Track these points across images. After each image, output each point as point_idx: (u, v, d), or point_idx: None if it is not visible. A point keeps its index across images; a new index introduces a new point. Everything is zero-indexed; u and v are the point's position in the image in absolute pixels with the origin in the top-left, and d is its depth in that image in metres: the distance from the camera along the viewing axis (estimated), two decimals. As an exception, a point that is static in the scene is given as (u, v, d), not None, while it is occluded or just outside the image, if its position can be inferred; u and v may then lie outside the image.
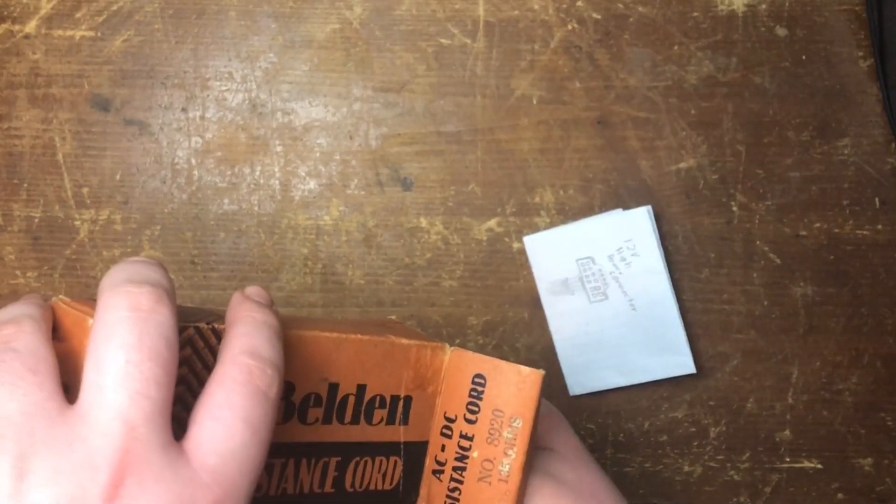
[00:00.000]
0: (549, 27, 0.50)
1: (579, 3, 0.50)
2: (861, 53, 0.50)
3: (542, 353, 0.49)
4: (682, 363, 0.48)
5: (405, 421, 0.30)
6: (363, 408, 0.29)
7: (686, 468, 0.49)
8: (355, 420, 0.29)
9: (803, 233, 0.49)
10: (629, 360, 0.48)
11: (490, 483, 0.29)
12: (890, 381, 0.49)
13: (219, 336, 0.26)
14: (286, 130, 0.49)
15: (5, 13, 0.49)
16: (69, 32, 0.49)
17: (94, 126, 0.49)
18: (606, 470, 0.48)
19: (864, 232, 0.49)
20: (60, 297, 0.26)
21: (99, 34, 0.49)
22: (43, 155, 0.49)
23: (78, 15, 0.49)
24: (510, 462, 0.29)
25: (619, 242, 0.48)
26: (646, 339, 0.48)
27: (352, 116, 0.50)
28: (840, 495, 0.49)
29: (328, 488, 0.29)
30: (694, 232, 0.49)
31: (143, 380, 0.22)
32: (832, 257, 0.49)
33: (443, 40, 0.50)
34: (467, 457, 0.30)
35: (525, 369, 0.29)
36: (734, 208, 0.49)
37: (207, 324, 0.26)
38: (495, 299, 0.49)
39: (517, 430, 0.29)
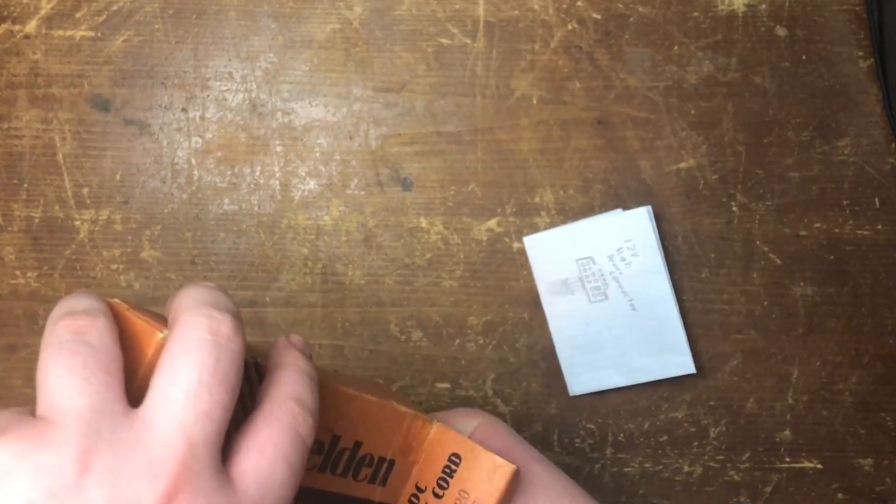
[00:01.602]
0: (549, 27, 0.50)
1: (579, 3, 0.50)
2: (861, 53, 0.50)
3: (542, 353, 0.49)
4: (682, 363, 0.48)
5: (384, 482, 0.31)
6: (354, 463, 0.31)
7: (686, 468, 0.49)
8: (345, 473, 0.31)
9: (803, 233, 0.49)
10: (629, 360, 0.48)
11: None
12: (890, 381, 0.49)
13: (260, 372, 0.28)
14: (286, 130, 0.49)
15: (5, 13, 0.49)
16: (69, 32, 0.49)
17: (94, 126, 0.49)
18: (606, 470, 0.49)
19: (864, 232, 0.49)
20: (117, 300, 0.26)
21: (99, 34, 0.49)
22: (43, 155, 0.49)
23: (78, 15, 0.49)
24: None
25: (619, 242, 0.48)
26: (646, 339, 0.48)
27: (352, 116, 0.50)
28: (840, 495, 0.49)
29: None
30: (694, 232, 0.49)
31: (211, 402, 0.23)
32: (832, 257, 0.49)
33: (443, 40, 0.50)
34: None
35: (499, 460, 0.31)
36: (734, 208, 0.49)
37: (253, 358, 0.27)
38: (495, 299, 0.49)
39: None
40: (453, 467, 0.31)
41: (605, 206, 0.49)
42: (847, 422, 0.49)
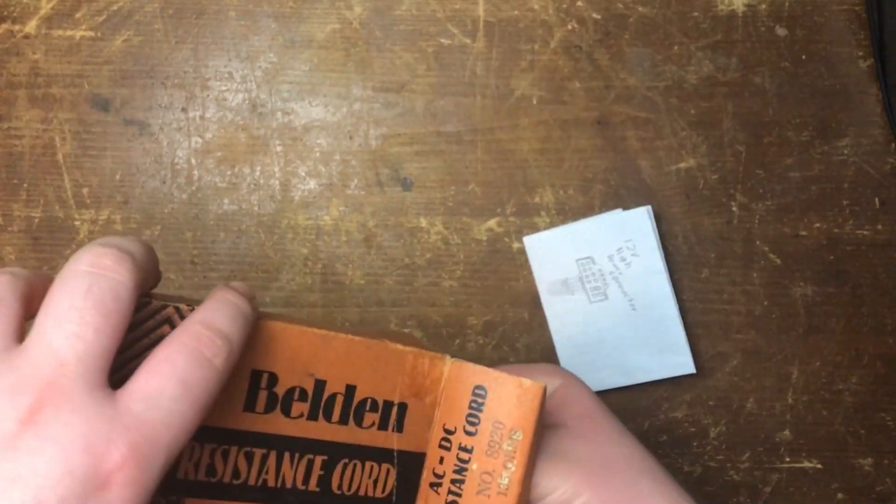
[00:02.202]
0: (549, 27, 0.50)
1: (579, 3, 0.50)
2: (861, 53, 0.50)
3: (542, 353, 0.49)
4: (682, 363, 0.48)
5: (399, 429, 0.30)
6: (352, 409, 0.29)
7: (686, 468, 0.49)
8: (343, 420, 0.29)
9: (803, 233, 0.49)
10: (629, 360, 0.48)
11: (489, 496, 0.29)
12: (890, 381, 0.49)
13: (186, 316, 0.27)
14: (286, 130, 0.49)
15: (5, 13, 0.49)
16: (69, 32, 0.49)
17: (94, 126, 0.49)
18: (606, 470, 0.49)
19: (864, 232, 0.49)
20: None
21: (99, 34, 0.49)
22: (43, 155, 0.49)
23: (78, 15, 0.49)
24: (510, 475, 0.29)
25: (619, 242, 0.48)
26: (646, 339, 0.48)
27: (352, 116, 0.50)
28: (840, 495, 0.49)
29: (313, 486, 0.29)
30: (694, 232, 0.49)
31: (81, 323, 0.23)
32: (832, 257, 0.49)
33: (443, 40, 0.50)
34: (466, 469, 0.30)
35: (527, 382, 0.29)
36: (734, 208, 0.49)
37: (188, 305, 0.27)
38: (495, 299, 0.49)
39: (517, 442, 0.29)
40: (480, 401, 0.30)
41: (605, 206, 0.49)
42: (847, 422, 0.49)
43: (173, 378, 0.24)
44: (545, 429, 0.33)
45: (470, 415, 0.30)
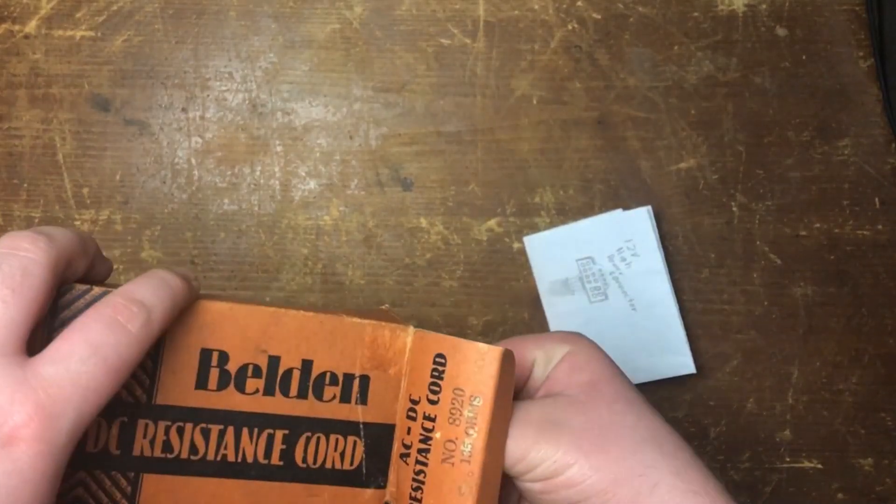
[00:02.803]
0: (549, 27, 0.50)
1: (579, 3, 0.50)
2: (861, 53, 0.50)
3: (542, 353, 0.49)
4: (682, 363, 0.48)
5: (363, 401, 0.30)
6: (310, 383, 0.30)
7: (686, 468, 0.49)
8: (302, 395, 0.30)
9: (803, 233, 0.49)
10: (629, 360, 0.48)
11: (453, 464, 0.29)
12: (890, 381, 0.49)
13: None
14: (286, 130, 0.49)
15: (5, 13, 0.49)
16: (69, 32, 0.49)
17: (94, 126, 0.49)
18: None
19: (864, 232, 0.49)
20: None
21: (99, 34, 0.49)
22: (43, 155, 0.49)
23: (78, 15, 0.49)
24: (472, 442, 0.29)
25: (619, 242, 0.48)
26: (646, 339, 0.48)
27: (352, 116, 0.50)
28: (840, 495, 0.49)
29: (275, 460, 0.29)
30: (694, 232, 0.49)
31: None
32: (832, 257, 0.49)
33: (443, 40, 0.50)
34: (431, 438, 0.29)
35: (484, 347, 0.29)
36: (734, 208, 0.49)
37: (117, 287, 0.28)
38: (495, 299, 0.49)
39: (478, 408, 0.29)
40: (440, 369, 0.29)
41: (605, 206, 0.49)
42: (847, 422, 0.49)
43: (83, 342, 0.25)
44: (544, 399, 0.32)
45: (432, 383, 0.30)
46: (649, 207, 0.48)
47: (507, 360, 0.29)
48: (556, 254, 0.48)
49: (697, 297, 0.49)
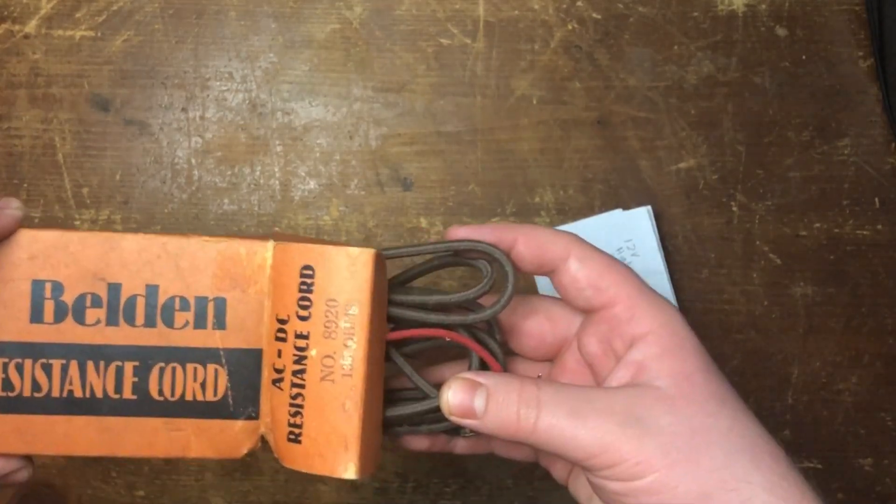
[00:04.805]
0: (549, 27, 0.50)
1: (579, 3, 0.50)
2: (861, 53, 0.50)
3: (542, 353, 0.49)
4: (682, 363, 0.48)
5: (221, 325, 0.28)
6: (158, 310, 0.28)
7: (686, 468, 0.49)
8: (149, 323, 0.28)
9: (803, 233, 0.49)
10: (629, 360, 0.48)
11: (334, 381, 0.27)
12: (890, 381, 0.49)
13: None
14: (286, 130, 0.49)
15: (5, 13, 0.49)
16: (69, 32, 0.49)
17: (94, 126, 0.49)
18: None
19: (864, 232, 0.49)
20: None
21: (99, 34, 0.49)
22: (43, 155, 0.49)
23: (78, 15, 0.49)
24: (352, 354, 0.27)
25: (619, 242, 0.48)
26: (646, 339, 0.48)
27: (352, 116, 0.50)
28: (840, 495, 0.49)
29: (128, 394, 0.28)
30: (694, 232, 0.49)
31: None
32: (832, 257, 0.49)
33: (443, 40, 0.50)
34: (306, 357, 0.27)
35: (354, 250, 0.27)
36: (734, 208, 0.49)
37: None
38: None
39: (355, 317, 0.27)
40: (309, 281, 0.27)
41: (605, 206, 0.49)
42: (847, 422, 0.49)
43: None
44: (628, 388, 0.30)
45: (301, 299, 0.27)
46: (649, 207, 0.48)
47: (380, 261, 0.28)
48: (556, 254, 0.48)
49: (697, 297, 0.49)
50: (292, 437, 0.28)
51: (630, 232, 0.48)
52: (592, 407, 0.29)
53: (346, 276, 0.27)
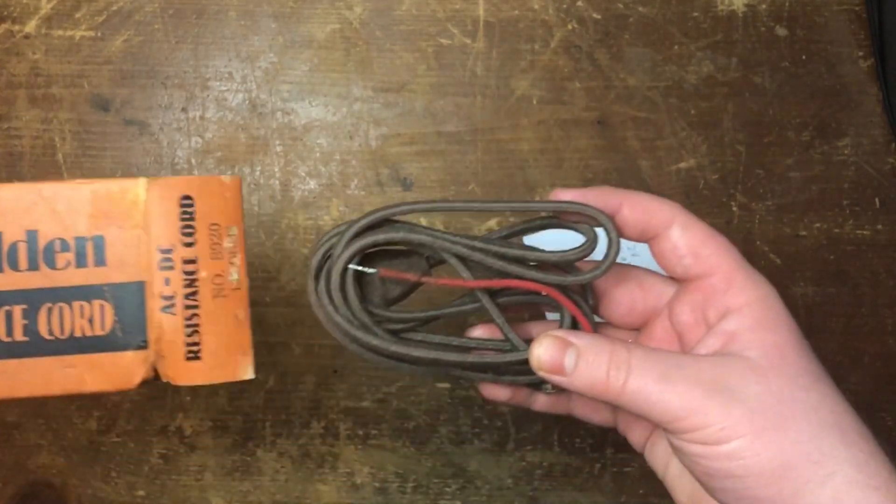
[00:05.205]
0: (549, 27, 0.50)
1: (579, 3, 0.50)
2: (861, 53, 0.50)
3: (542, 353, 0.49)
4: (682, 363, 0.48)
5: (101, 262, 0.30)
6: (39, 253, 0.29)
7: (686, 468, 0.49)
8: (33, 267, 0.29)
9: (803, 233, 0.49)
10: (629, 360, 0.48)
11: (226, 296, 0.30)
12: (890, 381, 0.49)
13: None
14: (286, 130, 0.49)
15: (5, 13, 0.49)
16: (69, 32, 0.49)
17: (94, 126, 0.49)
18: (606, 470, 0.49)
19: (864, 232, 0.49)
20: None
21: (99, 34, 0.49)
22: (43, 155, 0.49)
23: (78, 15, 0.49)
24: (237, 270, 0.30)
25: (619, 242, 0.48)
26: (646, 339, 0.48)
27: (352, 116, 0.50)
28: (840, 495, 0.49)
29: (19, 336, 0.29)
30: (694, 232, 0.49)
31: None
32: (832, 257, 0.49)
33: (443, 40, 0.50)
34: (196, 279, 0.30)
35: (225, 177, 0.30)
36: (734, 208, 0.49)
37: None
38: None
39: (235, 237, 0.30)
40: (190, 210, 0.29)
41: (605, 206, 0.49)
42: (847, 422, 0.49)
43: None
44: (718, 356, 0.30)
45: (185, 227, 0.30)
46: (649, 207, 0.48)
47: (237, 183, 0.31)
48: (556, 254, 0.48)
49: (697, 297, 0.49)
50: (192, 355, 0.30)
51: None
52: (681, 372, 0.29)
53: (222, 201, 0.30)
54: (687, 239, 0.32)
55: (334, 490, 0.48)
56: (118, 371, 0.29)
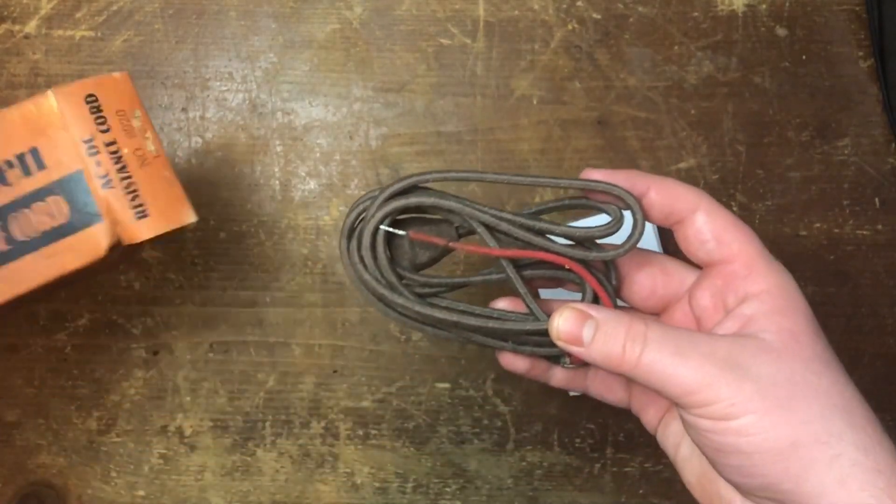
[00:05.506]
0: (549, 27, 0.50)
1: (579, 3, 0.50)
2: (861, 53, 0.50)
3: (542, 353, 0.49)
4: (682, 363, 0.48)
5: (42, 167, 0.35)
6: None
7: (686, 468, 0.49)
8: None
9: (803, 233, 0.49)
10: (629, 360, 0.48)
11: (150, 163, 0.36)
12: (890, 381, 0.49)
13: None
14: (286, 130, 0.49)
15: (5, 13, 0.49)
16: (69, 32, 0.49)
17: (94, 126, 0.49)
18: (606, 470, 0.49)
19: (864, 232, 0.49)
20: None
21: (99, 34, 0.49)
22: (43, 155, 0.49)
23: (78, 15, 0.49)
24: (151, 142, 0.36)
25: (619, 242, 0.48)
26: (646, 339, 0.48)
27: (352, 116, 0.50)
28: (840, 495, 0.49)
29: (3, 247, 0.34)
30: (694, 232, 0.49)
31: None
32: (832, 257, 0.49)
33: (443, 40, 0.50)
34: (121, 156, 0.35)
35: (116, 73, 0.36)
36: (734, 208, 0.49)
37: None
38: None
39: (141, 117, 0.36)
40: (96, 104, 0.35)
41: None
42: (847, 422, 0.49)
43: None
44: (734, 337, 0.31)
45: (97, 118, 0.35)
46: (649, 207, 0.48)
47: (127, 78, 0.36)
48: (556, 254, 0.48)
49: (697, 297, 0.49)
50: (140, 214, 0.35)
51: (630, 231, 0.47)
52: (696, 349, 0.30)
53: (118, 92, 0.36)
54: (711, 224, 0.33)
55: (334, 490, 0.48)
56: (87, 246, 0.35)
